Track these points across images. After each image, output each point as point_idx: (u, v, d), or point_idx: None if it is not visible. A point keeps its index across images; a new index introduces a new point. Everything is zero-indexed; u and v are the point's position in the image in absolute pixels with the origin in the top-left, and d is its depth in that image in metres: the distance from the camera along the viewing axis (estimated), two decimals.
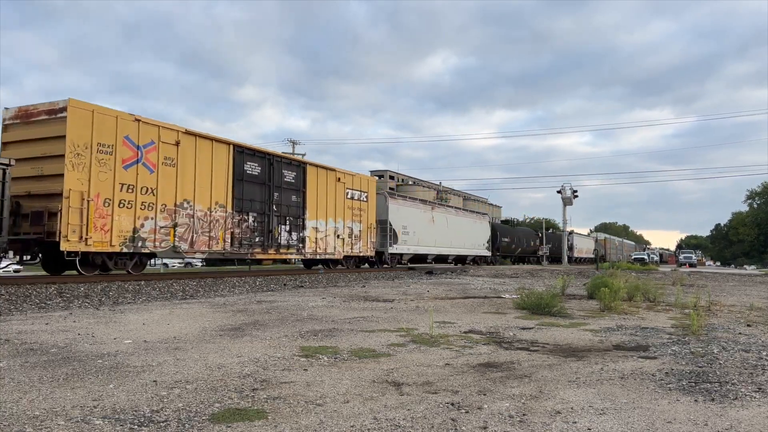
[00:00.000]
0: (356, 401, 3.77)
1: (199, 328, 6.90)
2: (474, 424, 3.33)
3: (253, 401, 3.72)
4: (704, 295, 11.89)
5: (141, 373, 4.45)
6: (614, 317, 8.77)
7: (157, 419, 3.31)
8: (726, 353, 5.68)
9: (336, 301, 10.73)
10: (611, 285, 10.47)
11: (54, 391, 3.85)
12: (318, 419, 3.36)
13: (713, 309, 10.16)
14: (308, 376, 4.45)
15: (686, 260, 58.44)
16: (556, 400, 3.89)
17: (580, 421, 3.41)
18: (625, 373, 4.73)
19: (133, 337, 6.16)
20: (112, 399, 3.70)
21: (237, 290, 13.44)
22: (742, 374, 4.74)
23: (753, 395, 4.06)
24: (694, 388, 4.24)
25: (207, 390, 3.97)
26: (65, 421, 3.24)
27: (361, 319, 8.02)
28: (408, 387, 4.17)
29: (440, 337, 6.46)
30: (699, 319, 7.35)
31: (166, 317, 7.96)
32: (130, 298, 10.99)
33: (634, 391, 4.14)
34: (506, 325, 7.65)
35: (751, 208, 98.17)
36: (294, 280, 16.71)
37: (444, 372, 4.70)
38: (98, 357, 5.03)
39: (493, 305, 10.48)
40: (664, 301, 11.36)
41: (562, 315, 8.81)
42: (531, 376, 4.59)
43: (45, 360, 4.88)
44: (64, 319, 7.69)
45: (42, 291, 10.71)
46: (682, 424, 3.39)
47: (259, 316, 8.24)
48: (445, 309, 9.70)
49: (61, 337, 6.06)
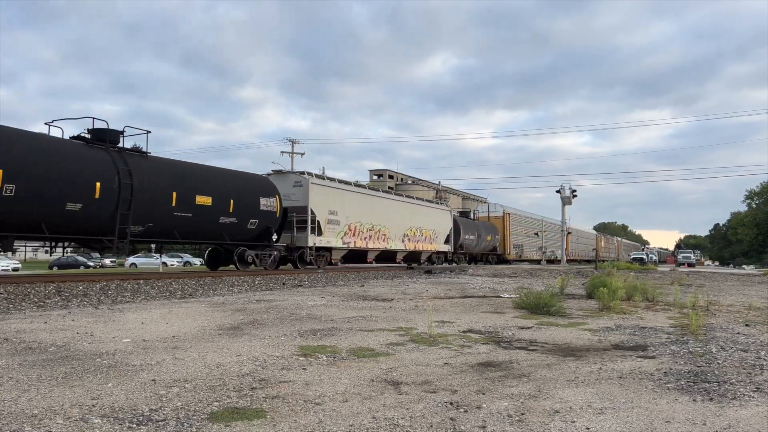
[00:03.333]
0: (355, 400, 3.77)
1: (198, 327, 6.90)
2: (473, 423, 3.33)
3: (252, 400, 3.72)
4: (703, 295, 11.91)
5: (140, 371, 4.45)
6: (613, 317, 8.77)
7: (155, 418, 3.30)
8: (724, 353, 5.69)
9: (335, 301, 10.73)
10: (610, 285, 10.48)
11: (52, 390, 3.85)
12: (317, 418, 3.36)
13: (712, 309, 10.17)
14: (307, 376, 4.45)
15: (685, 260, 58.51)
16: (554, 399, 3.89)
17: (578, 420, 3.42)
18: (624, 373, 4.73)
19: (131, 336, 6.15)
20: (111, 398, 3.69)
21: (236, 289, 13.43)
22: (740, 374, 4.74)
23: (751, 395, 4.07)
24: (693, 388, 4.25)
25: (206, 389, 3.97)
26: (64, 419, 3.23)
27: (360, 319, 8.03)
28: (407, 386, 4.17)
29: (439, 337, 6.47)
30: (698, 319, 7.36)
31: (165, 316, 7.96)
32: (128, 297, 10.99)
33: (632, 391, 4.14)
34: (505, 325, 7.66)
35: (750, 208, 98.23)
36: (293, 279, 16.71)
37: (443, 371, 4.71)
38: (97, 356, 5.03)
39: (492, 305, 10.49)
40: (662, 301, 11.37)
41: (560, 314, 8.82)
42: (530, 376, 4.59)
43: (44, 359, 4.88)
44: (63, 317, 7.69)
45: (41, 290, 10.70)
46: (680, 423, 3.39)
47: (258, 315, 8.24)
48: (443, 308, 9.70)
49: (60, 336, 6.06)
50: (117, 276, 13.60)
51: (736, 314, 9.46)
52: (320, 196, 21.50)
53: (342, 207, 22.65)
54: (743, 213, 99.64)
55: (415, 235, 28.54)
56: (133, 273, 21.62)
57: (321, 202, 21.47)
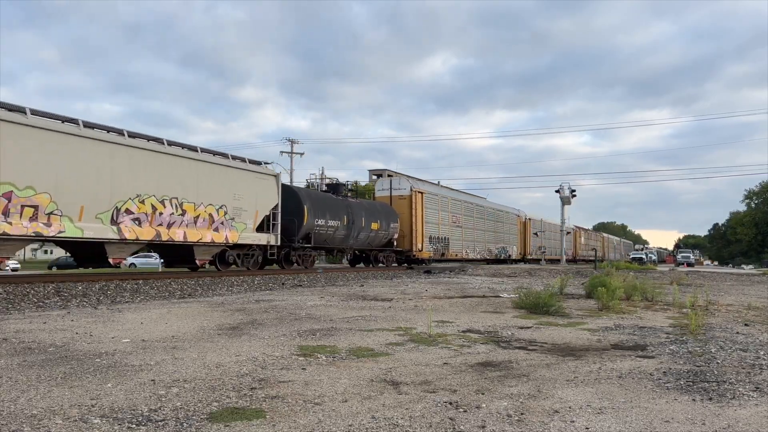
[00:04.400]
0: (354, 400, 3.77)
1: (197, 327, 6.89)
2: (472, 423, 3.33)
3: (252, 400, 3.72)
4: (702, 295, 11.91)
5: (139, 372, 4.45)
6: (612, 316, 8.78)
7: (155, 418, 3.30)
8: (724, 352, 5.69)
9: (334, 300, 10.73)
10: (609, 284, 10.48)
11: (52, 390, 3.85)
12: (316, 418, 3.36)
13: (711, 308, 10.17)
14: (306, 376, 4.45)
15: (684, 260, 58.61)
16: (554, 399, 3.89)
17: (578, 420, 3.42)
18: (623, 373, 4.73)
19: (131, 336, 6.15)
20: (110, 398, 3.69)
21: (235, 289, 13.43)
22: (739, 373, 4.74)
23: (750, 394, 4.07)
24: (692, 388, 4.25)
25: (205, 389, 3.96)
26: (63, 420, 3.23)
27: (360, 319, 8.03)
28: (406, 386, 4.17)
29: (438, 337, 6.47)
30: (697, 319, 7.36)
31: (164, 316, 7.95)
32: (128, 297, 10.98)
33: (632, 391, 4.14)
34: (504, 325, 7.66)
35: (749, 207, 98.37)
36: (292, 279, 16.70)
37: (442, 371, 4.71)
38: (96, 356, 5.03)
39: (492, 304, 10.49)
40: (662, 301, 11.37)
41: (560, 314, 8.82)
42: (529, 376, 4.59)
43: (43, 359, 4.88)
44: (62, 318, 7.68)
45: (40, 290, 10.69)
46: (680, 423, 3.40)
47: (257, 315, 8.24)
48: (443, 308, 9.71)
49: (59, 336, 6.05)
50: (116, 276, 13.59)
51: (735, 314, 9.47)
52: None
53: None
54: (742, 213, 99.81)
55: (166, 213, 14.53)
56: (132, 273, 21.59)
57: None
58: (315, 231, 20.68)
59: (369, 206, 24.99)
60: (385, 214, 25.71)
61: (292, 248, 19.81)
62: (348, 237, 22.86)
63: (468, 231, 33.79)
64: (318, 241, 21.00)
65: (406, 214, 27.40)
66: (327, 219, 21.34)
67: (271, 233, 18.25)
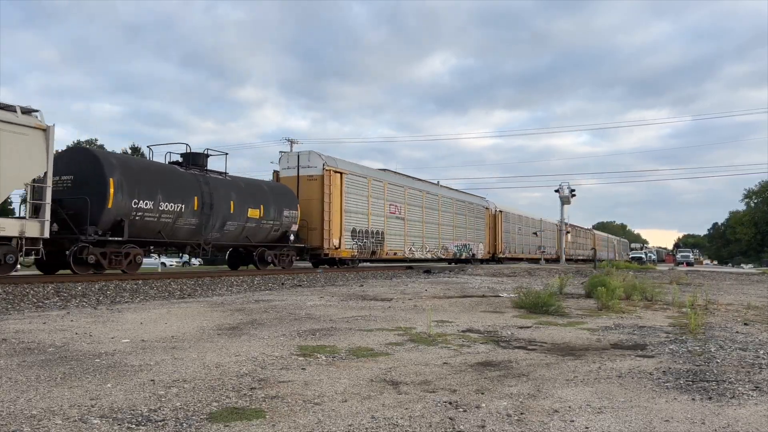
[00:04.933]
0: (354, 400, 3.77)
1: (196, 328, 6.89)
2: (472, 423, 3.33)
3: (251, 400, 3.72)
4: (701, 294, 11.92)
5: (139, 372, 4.44)
6: (612, 316, 8.78)
7: (154, 418, 3.30)
8: (723, 352, 5.69)
9: (334, 300, 10.73)
10: (609, 284, 10.49)
11: (51, 391, 3.85)
12: (316, 418, 3.36)
13: (710, 308, 10.18)
14: (306, 376, 4.45)
15: (684, 259, 58.74)
16: (553, 398, 3.89)
17: (577, 419, 3.42)
18: (623, 372, 4.73)
19: (130, 337, 6.15)
20: (110, 398, 3.69)
21: (235, 289, 13.43)
22: (739, 373, 4.75)
23: (750, 394, 4.07)
24: (692, 387, 4.25)
25: (205, 389, 3.96)
26: (63, 420, 3.23)
27: (359, 318, 8.03)
28: (406, 386, 4.18)
29: (438, 336, 6.47)
30: (696, 318, 7.36)
31: (163, 316, 7.95)
32: (127, 298, 10.98)
33: (631, 390, 4.14)
34: (504, 324, 7.66)
35: (749, 207, 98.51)
36: (292, 279, 16.70)
37: (442, 371, 4.71)
38: (96, 356, 5.03)
39: (491, 304, 10.49)
40: (661, 300, 11.38)
41: (559, 314, 8.82)
42: (529, 375, 4.59)
43: (42, 359, 4.87)
44: (62, 318, 7.68)
45: (39, 290, 10.68)
46: (679, 422, 3.40)
47: (257, 315, 8.24)
48: (443, 308, 9.71)
49: (59, 337, 6.05)
50: (115, 276, 13.57)
51: (735, 313, 9.47)
52: None
53: None
54: (742, 212, 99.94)
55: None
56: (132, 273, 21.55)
57: None
58: (133, 217, 14.18)
59: (247, 186, 18.33)
60: (275, 197, 19.01)
61: (83, 242, 13.24)
62: (203, 227, 16.24)
63: (414, 224, 26.95)
64: (139, 232, 14.50)
65: (316, 199, 20.74)
66: (158, 200, 14.78)
67: (33, 220, 12.15)
